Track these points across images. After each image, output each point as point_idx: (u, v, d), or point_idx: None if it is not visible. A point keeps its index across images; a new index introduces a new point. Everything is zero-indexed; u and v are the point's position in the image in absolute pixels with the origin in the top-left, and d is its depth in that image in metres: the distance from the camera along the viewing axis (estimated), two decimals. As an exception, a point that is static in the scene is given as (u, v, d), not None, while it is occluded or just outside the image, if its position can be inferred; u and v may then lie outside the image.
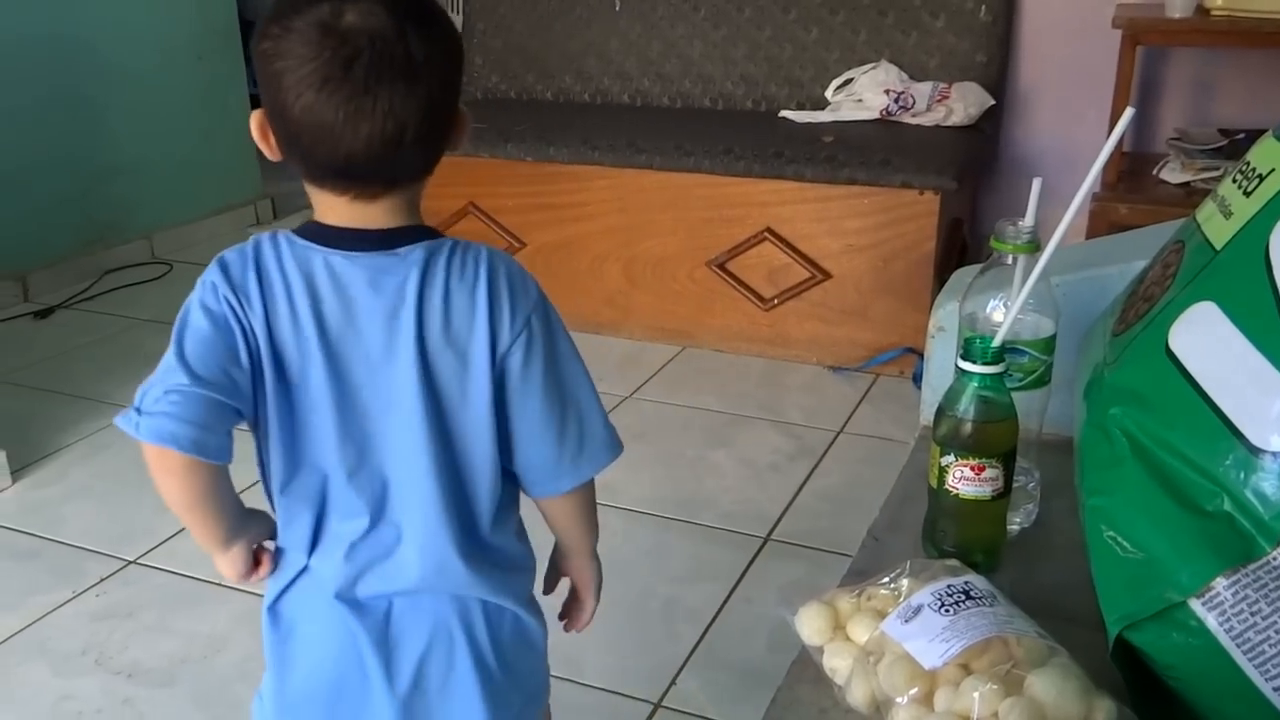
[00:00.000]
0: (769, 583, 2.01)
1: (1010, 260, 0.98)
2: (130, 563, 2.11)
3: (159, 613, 1.95)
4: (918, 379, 2.76)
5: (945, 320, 1.21)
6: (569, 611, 1.10)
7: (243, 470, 0.92)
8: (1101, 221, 2.72)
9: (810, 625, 0.86)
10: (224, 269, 0.87)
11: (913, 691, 0.74)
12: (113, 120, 3.70)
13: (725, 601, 1.96)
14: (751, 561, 2.08)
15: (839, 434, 2.57)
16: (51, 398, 2.78)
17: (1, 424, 2.47)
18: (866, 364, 2.88)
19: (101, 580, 2.06)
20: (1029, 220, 0.97)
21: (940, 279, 2.76)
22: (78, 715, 1.72)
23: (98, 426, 2.62)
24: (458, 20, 4.07)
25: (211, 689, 1.76)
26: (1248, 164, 0.79)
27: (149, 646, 1.86)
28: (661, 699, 1.73)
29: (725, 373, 2.93)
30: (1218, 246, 0.76)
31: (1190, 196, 2.76)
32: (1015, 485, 0.97)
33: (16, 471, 2.40)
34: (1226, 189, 0.80)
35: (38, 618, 1.95)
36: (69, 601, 1.99)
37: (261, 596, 0.96)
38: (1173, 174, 2.87)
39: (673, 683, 1.76)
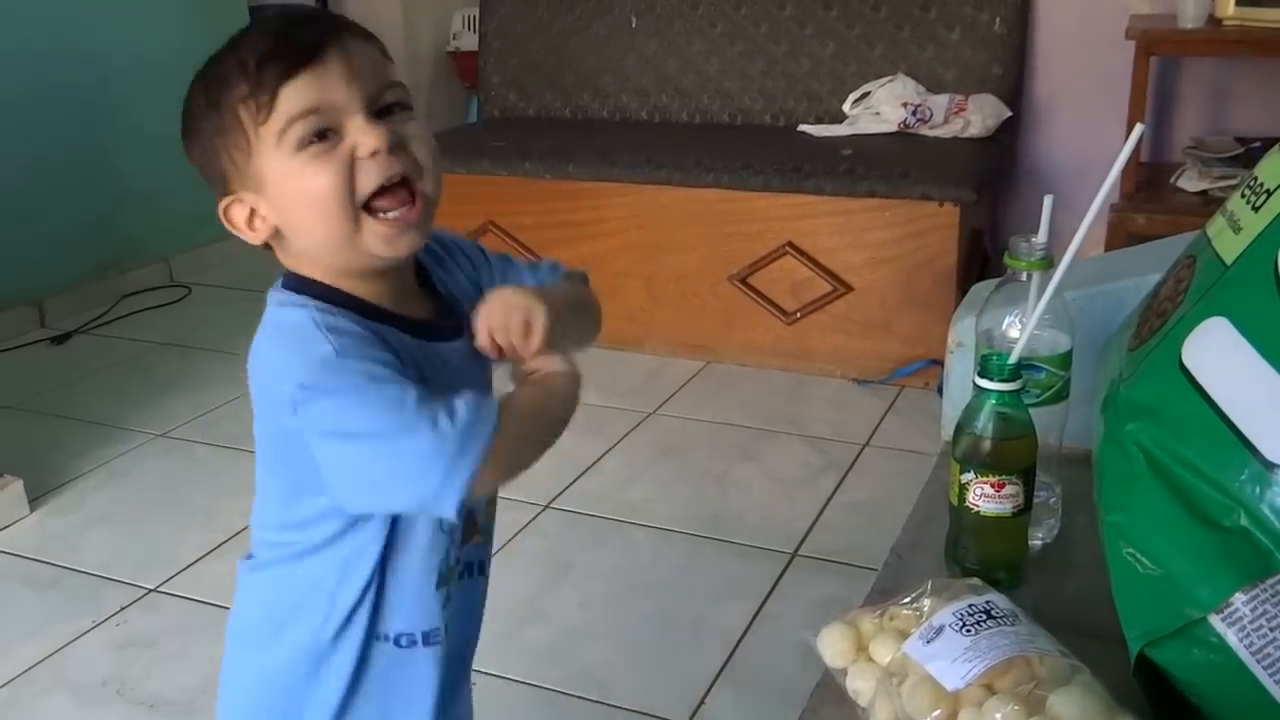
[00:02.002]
0: (798, 599, 2.02)
1: (1025, 276, 0.99)
2: (150, 590, 2.14)
3: (181, 642, 1.98)
4: (943, 390, 2.76)
5: (963, 335, 1.22)
6: None
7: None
8: (1119, 231, 2.72)
9: (832, 647, 0.87)
10: None
11: (936, 713, 0.74)
12: (127, 144, 3.76)
13: (754, 619, 1.97)
14: (780, 578, 2.09)
15: (865, 447, 2.58)
16: (69, 424, 2.83)
17: (19, 452, 2.51)
18: (891, 376, 2.89)
19: (122, 609, 2.09)
20: (1041, 237, 0.98)
21: (962, 290, 2.77)
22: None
23: (116, 453, 2.66)
24: (473, 39, 4.12)
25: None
26: (1255, 179, 0.80)
27: (171, 676, 1.89)
28: (691, 718, 1.74)
29: (749, 387, 2.94)
30: (1228, 261, 0.77)
31: (1208, 205, 2.76)
32: (1036, 501, 0.98)
33: (35, 500, 2.44)
34: (1235, 204, 0.81)
35: (58, 648, 1.97)
36: (89, 631, 2.02)
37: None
38: (1190, 182, 2.87)
39: (701, 702, 1.78)
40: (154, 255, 3.89)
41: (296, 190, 0.85)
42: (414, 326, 0.90)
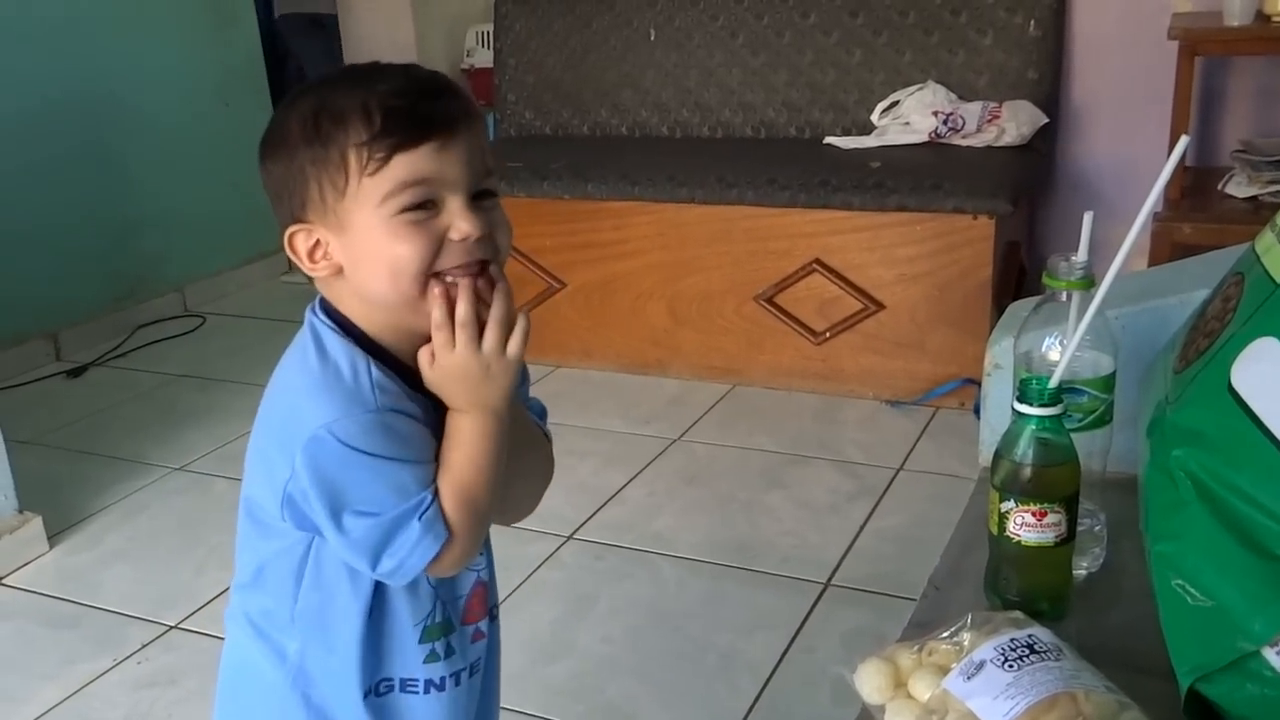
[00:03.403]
0: (831, 631, 2.01)
1: (1064, 297, 0.99)
2: (172, 628, 2.15)
3: (203, 679, 1.98)
4: (979, 411, 2.74)
5: (1001, 357, 1.22)
6: None
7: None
8: (1164, 242, 2.70)
9: (870, 683, 0.87)
10: None
11: (978, 751, 0.74)
12: (139, 172, 3.80)
13: (785, 652, 1.96)
14: (812, 609, 2.08)
15: (899, 471, 2.57)
16: (86, 459, 2.85)
17: (37, 488, 2.53)
18: (925, 397, 2.88)
19: (143, 647, 2.10)
20: (1082, 255, 0.98)
21: (999, 305, 2.76)
22: (123, 788, 1.75)
23: (134, 487, 2.68)
24: (488, 55, 4.15)
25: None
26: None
27: (193, 715, 1.90)
28: (723, 757, 1.74)
29: (778, 411, 2.94)
30: (1278, 279, 0.77)
31: (1258, 211, 2.74)
32: (1080, 529, 0.98)
33: (53, 536, 2.46)
34: (1284, 218, 0.81)
35: (79, 688, 1.99)
36: (110, 670, 2.03)
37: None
38: (1239, 188, 2.84)
39: (733, 740, 1.77)
40: (168, 284, 3.93)
41: (380, 249, 0.88)
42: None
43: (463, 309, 0.88)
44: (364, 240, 0.88)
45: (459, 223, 0.88)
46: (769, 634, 2.01)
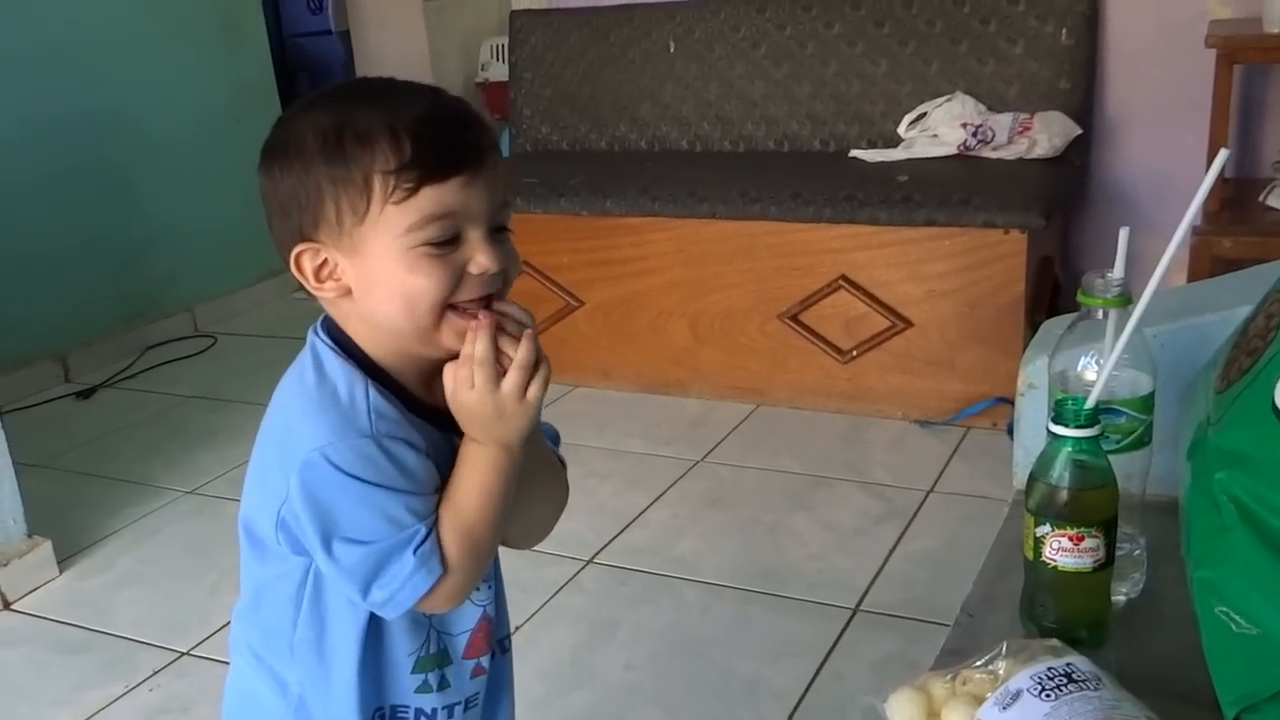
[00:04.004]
0: (860, 658, 2.00)
1: (1100, 314, 0.99)
2: (184, 654, 2.17)
3: (215, 706, 1.98)
4: (1012, 431, 2.73)
5: (1035, 377, 1.22)
6: None
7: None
8: (1204, 256, 2.69)
9: (902, 713, 0.87)
10: None
11: (1015, 783, 0.74)
12: (148, 191, 3.84)
13: (813, 679, 1.95)
14: (840, 635, 2.07)
15: (930, 493, 2.57)
16: (96, 482, 2.87)
17: (46, 511, 2.55)
18: (956, 417, 2.87)
19: (155, 673, 2.11)
20: (1118, 272, 0.98)
21: (1032, 322, 2.75)
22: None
23: (145, 511, 2.70)
24: (503, 70, 4.17)
25: (271, 789, 1.79)
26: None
27: (206, 743, 1.91)
28: (749, 789, 1.73)
29: (803, 431, 2.93)
30: (1323, 296, 0.77)
31: (1301, 224, 2.73)
32: (1119, 553, 0.97)
33: (63, 561, 2.48)
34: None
35: (91, 714, 2.01)
36: (122, 696, 2.05)
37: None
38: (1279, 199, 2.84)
39: (759, 771, 1.76)
40: (178, 304, 3.96)
41: (397, 278, 0.89)
42: (440, 418, 0.94)
43: (481, 347, 0.89)
44: (380, 267, 0.88)
45: (479, 257, 0.89)
46: (796, 661, 2.00)
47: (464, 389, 0.90)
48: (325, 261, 0.91)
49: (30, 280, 3.48)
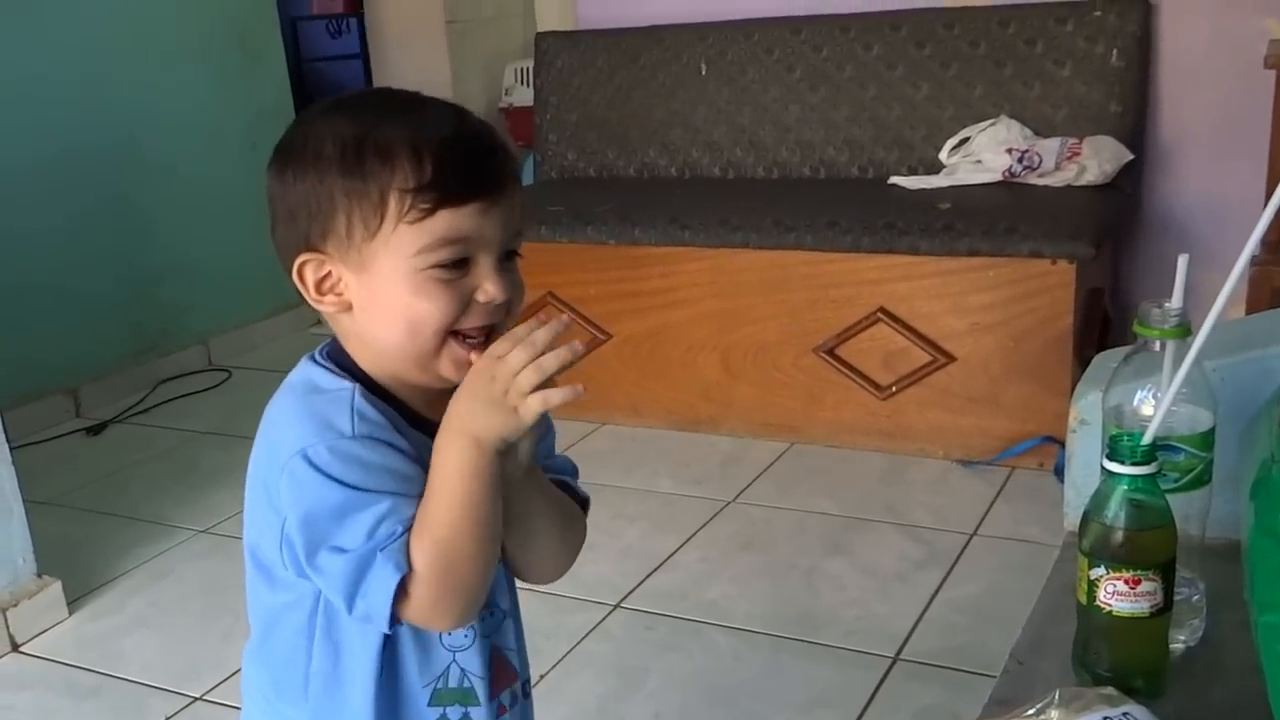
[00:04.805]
0: (900, 710, 1.99)
1: (1157, 346, 0.98)
2: (196, 699, 2.18)
3: (227, 755, 2.01)
4: (1059, 471, 2.72)
5: (1087, 412, 1.21)
6: None
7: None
8: (1263, 288, 2.67)
9: (951, 764, 0.86)
10: None
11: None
12: (162, 219, 3.89)
13: (850, 734, 1.95)
14: (879, 685, 2.06)
15: (973, 536, 2.55)
16: (107, 520, 2.90)
17: (56, 551, 2.57)
18: (1000, 456, 2.86)
19: (167, 719, 2.12)
20: (1176, 302, 0.97)
21: (1080, 357, 2.74)
22: None
23: (156, 551, 2.72)
24: (527, 94, 4.21)
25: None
26: None
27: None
28: (785, 847, 1.72)
29: (840, 471, 2.93)
30: (1391, 327, 0.77)
31: (1366, 254, 2.70)
32: (1177, 598, 0.96)
33: (73, 602, 2.49)
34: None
35: (103, 762, 2.02)
36: (134, 744, 2.06)
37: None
38: (1344, 229, 2.82)
39: (796, 829, 1.75)
40: (192, 337, 4.00)
41: (402, 300, 0.90)
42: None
43: (542, 334, 0.87)
44: (385, 286, 0.90)
45: (488, 285, 0.91)
46: (832, 712, 1.99)
47: (492, 354, 0.88)
48: (329, 274, 0.92)
49: (41, 312, 3.53)
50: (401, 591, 0.87)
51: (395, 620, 0.89)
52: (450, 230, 0.88)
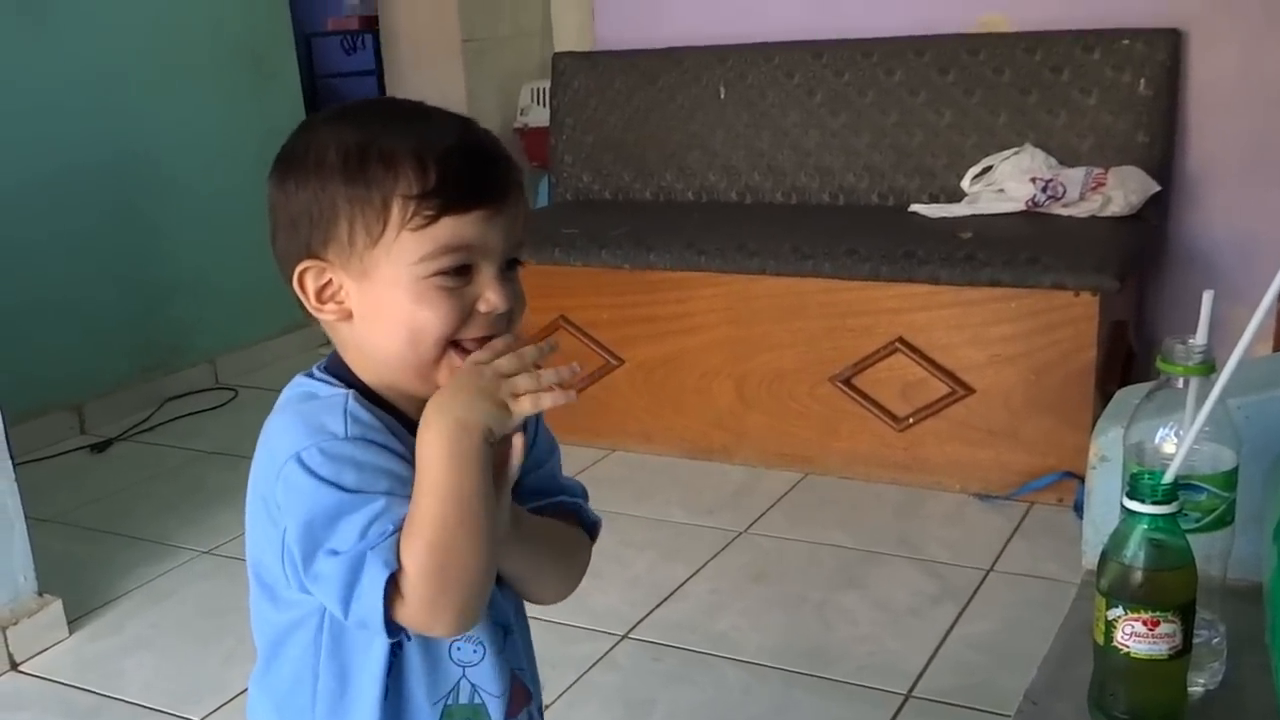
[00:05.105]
0: (913, 749, 1.99)
1: (1181, 383, 0.99)
2: (197, 723, 2.18)
3: (226, 780, 2.01)
4: (1079, 508, 2.72)
5: (1108, 449, 1.21)
6: None
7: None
8: (1289, 327, 2.67)
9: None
10: None
11: None
12: (171, 235, 3.92)
13: (862, 771, 1.94)
14: (891, 724, 2.05)
15: (989, 572, 2.55)
16: (109, 539, 2.91)
17: (57, 569, 2.58)
18: (1018, 491, 2.85)
19: (166, 744, 2.13)
20: (1200, 338, 0.98)
21: (1102, 391, 2.74)
22: None
23: (159, 571, 2.73)
24: (543, 114, 4.23)
25: None
26: None
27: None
28: None
29: (854, 503, 2.93)
30: None
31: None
32: (1196, 640, 0.96)
33: (74, 621, 2.50)
34: None
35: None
36: (133, 768, 2.06)
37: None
38: (1374, 266, 2.80)
39: None
40: (199, 355, 4.01)
41: (403, 309, 0.91)
42: None
43: (530, 349, 0.90)
44: (386, 295, 0.91)
45: (489, 294, 0.92)
46: (843, 750, 1.99)
47: (475, 359, 0.91)
48: (330, 282, 0.93)
49: (47, 327, 3.54)
50: (396, 592, 0.87)
51: (394, 627, 0.88)
52: (453, 238, 0.89)
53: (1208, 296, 0.97)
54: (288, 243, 0.95)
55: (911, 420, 2.96)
